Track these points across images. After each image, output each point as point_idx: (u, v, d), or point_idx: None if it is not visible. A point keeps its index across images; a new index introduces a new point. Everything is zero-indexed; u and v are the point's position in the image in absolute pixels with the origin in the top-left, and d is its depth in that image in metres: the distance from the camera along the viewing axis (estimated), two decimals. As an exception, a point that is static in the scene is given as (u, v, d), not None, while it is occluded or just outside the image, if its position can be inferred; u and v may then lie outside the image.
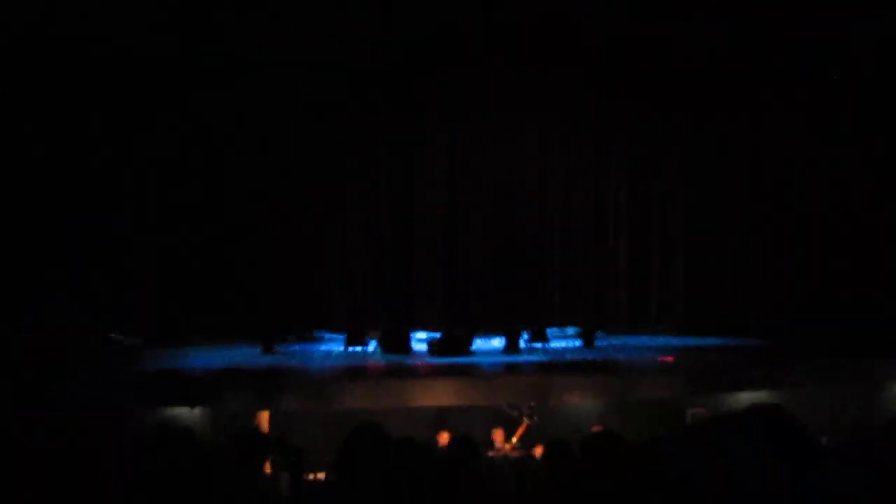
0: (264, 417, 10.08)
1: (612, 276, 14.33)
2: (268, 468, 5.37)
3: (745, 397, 10.58)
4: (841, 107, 13.40)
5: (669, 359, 12.07)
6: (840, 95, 13.38)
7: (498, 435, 10.35)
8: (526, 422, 10.72)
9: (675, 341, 13.69)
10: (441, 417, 10.83)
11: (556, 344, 13.30)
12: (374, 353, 12.52)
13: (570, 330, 14.00)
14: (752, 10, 12.85)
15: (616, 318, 14.34)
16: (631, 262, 14.30)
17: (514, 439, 10.40)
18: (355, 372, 11.09)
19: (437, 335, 12.62)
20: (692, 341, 13.66)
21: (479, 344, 12.77)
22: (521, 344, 12.71)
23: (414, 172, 14.13)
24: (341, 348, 12.87)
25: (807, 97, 13.46)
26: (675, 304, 14.29)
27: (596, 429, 8.92)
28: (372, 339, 12.84)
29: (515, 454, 10.35)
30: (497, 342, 12.95)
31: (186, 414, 10.50)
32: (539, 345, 12.94)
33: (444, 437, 9.36)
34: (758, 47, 13.24)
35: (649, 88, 13.84)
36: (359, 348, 12.63)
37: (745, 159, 14.16)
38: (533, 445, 10.09)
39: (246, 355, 12.21)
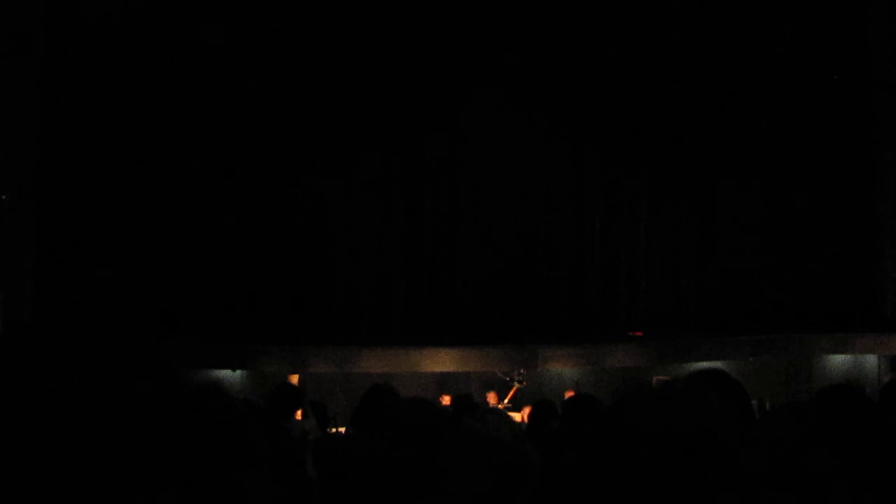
0: (294, 379, 10.11)
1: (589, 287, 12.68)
2: (299, 416, 5.47)
3: (702, 366, 10.61)
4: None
5: (639, 333, 12.07)
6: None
7: (491, 397, 10.38)
8: (516, 385, 10.74)
9: None
10: (443, 382, 10.84)
11: None
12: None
13: None
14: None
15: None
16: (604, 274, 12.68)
17: (506, 400, 10.41)
18: (372, 341, 11.08)
19: None
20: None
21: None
22: None
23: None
24: None
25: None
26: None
27: (568, 393, 8.89)
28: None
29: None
30: None
31: (230, 376, 10.50)
32: None
33: (445, 400, 9.37)
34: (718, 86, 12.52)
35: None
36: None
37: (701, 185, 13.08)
38: (522, 406, 10.09)
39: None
